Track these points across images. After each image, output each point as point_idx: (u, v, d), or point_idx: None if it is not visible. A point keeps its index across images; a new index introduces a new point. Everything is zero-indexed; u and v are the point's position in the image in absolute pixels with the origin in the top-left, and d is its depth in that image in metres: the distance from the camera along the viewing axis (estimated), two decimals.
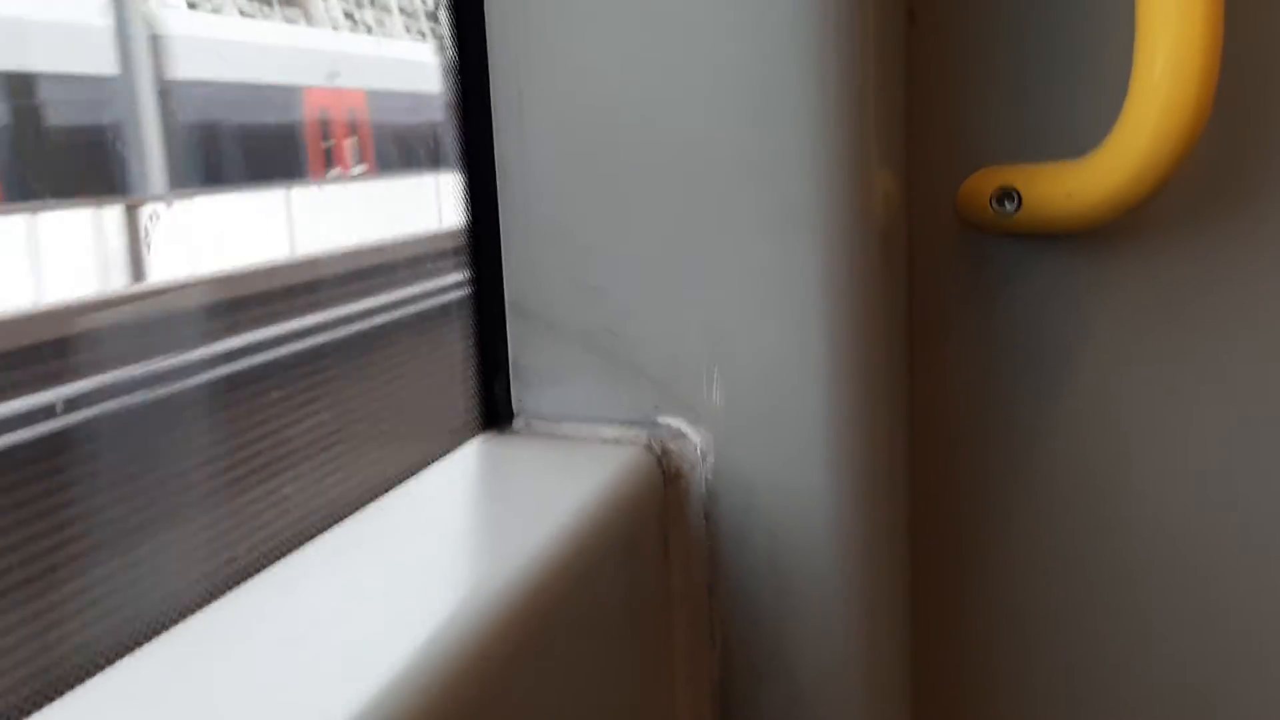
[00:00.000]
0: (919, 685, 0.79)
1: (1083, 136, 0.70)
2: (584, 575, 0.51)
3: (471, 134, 0.63)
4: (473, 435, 0.64)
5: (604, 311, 0.63)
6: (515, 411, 0.65)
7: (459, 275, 0.66)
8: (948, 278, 0.78)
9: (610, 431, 0.63)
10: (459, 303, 0.66)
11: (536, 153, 0.62)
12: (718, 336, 0.61)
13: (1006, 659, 0.80)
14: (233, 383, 3.13)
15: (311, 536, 0.49)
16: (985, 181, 0.73)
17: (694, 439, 0.62)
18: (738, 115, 0.58)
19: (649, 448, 0.61)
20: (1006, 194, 0.72)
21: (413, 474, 0.58)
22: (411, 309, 3.81)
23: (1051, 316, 0.76)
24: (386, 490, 0.55)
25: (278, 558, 0.46)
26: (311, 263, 4.95)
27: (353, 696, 0.36)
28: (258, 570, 0.45)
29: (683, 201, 0.60)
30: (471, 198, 0.64)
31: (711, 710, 0.64)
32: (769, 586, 0.63)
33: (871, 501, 0.64)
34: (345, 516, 0.52)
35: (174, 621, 0.41)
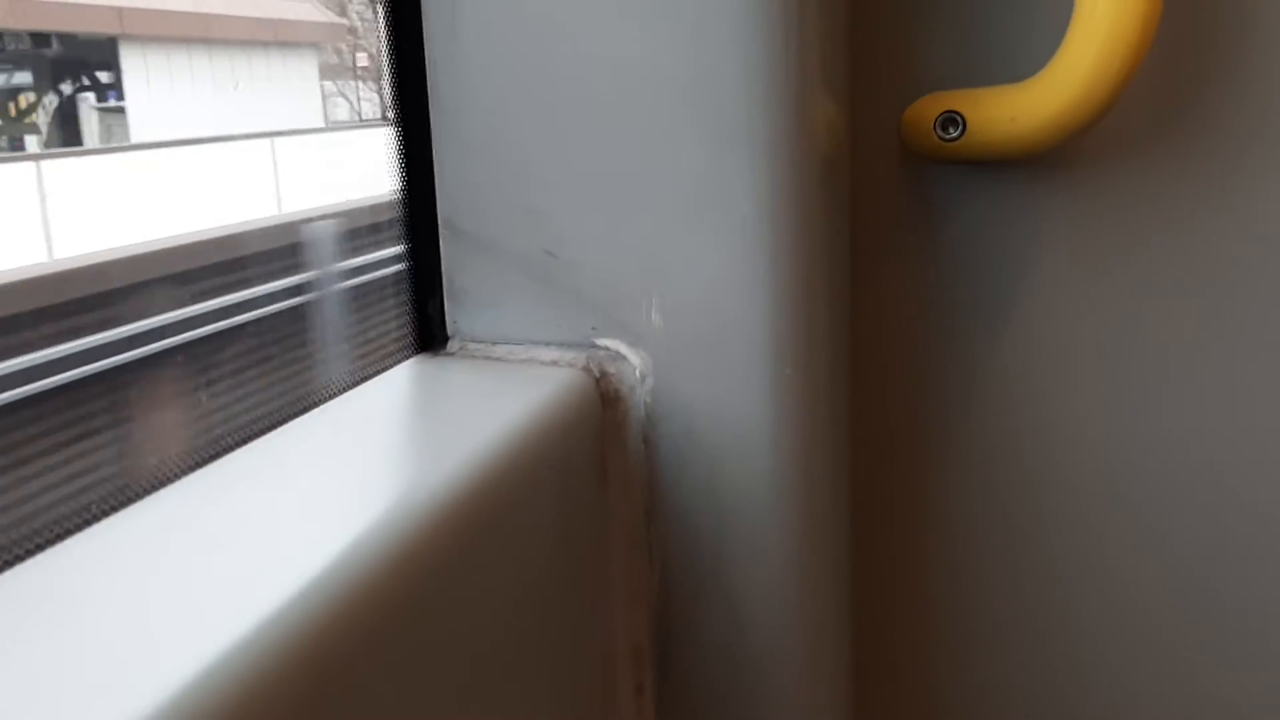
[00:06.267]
0: (859, 614, 0.80)
1: (1027, 62, 0.70)
2: (517, 493, 0.49)
3: (402, 42, 0.61)
4: (406, 358, 0.63)
5: (541, 233, 0.61)
6: (450, 334, 0.64)
7: None
8: (891, 206, 0.77)
9: (547, 354, 0.62)
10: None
11: (468, 68, 0.59)
12: (656, 258, 0.60)
13: (946, 587, 0.81)
14: None
15: (227, 450, 0.47)
16: (929, 107, 0.72)
17: (633, 361, 0.61)
18: (673, 31, 0.56)
19: (587, 370, 0.60)
20: (950, 119, 0.71)
21: (339, 394, 0.56)
22: None
23: (994, 244, 0.76)
24: (311, 408, 0.54)
25: (191, 469, 0.45)
26: None
27: (266, 601, 0.34)
28: (170, 480, 0.43)
29: (619, 120, 0.58)
30: (402, 110, 0.61)
31: (650, 632, 0.63)
32: (708, 511, 0.62)
33: (811, 428, 0.64)
34: (264, 432, 0.50)
35: (83, 526, 0.39)
